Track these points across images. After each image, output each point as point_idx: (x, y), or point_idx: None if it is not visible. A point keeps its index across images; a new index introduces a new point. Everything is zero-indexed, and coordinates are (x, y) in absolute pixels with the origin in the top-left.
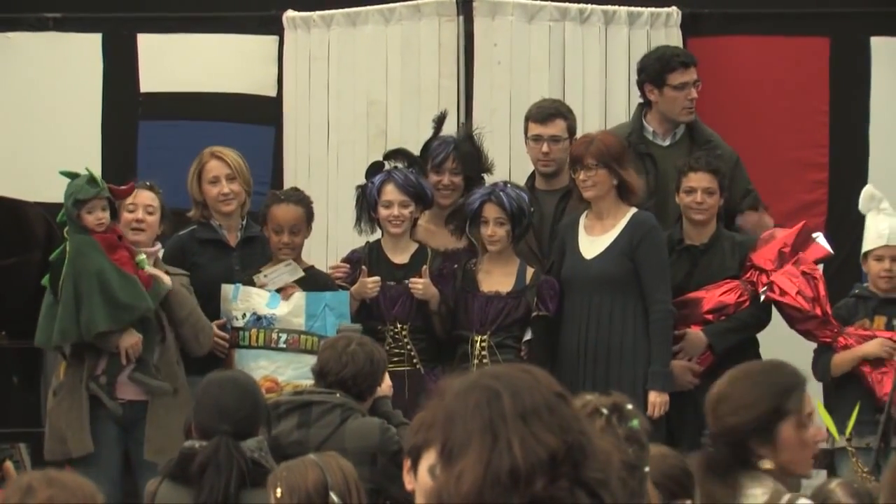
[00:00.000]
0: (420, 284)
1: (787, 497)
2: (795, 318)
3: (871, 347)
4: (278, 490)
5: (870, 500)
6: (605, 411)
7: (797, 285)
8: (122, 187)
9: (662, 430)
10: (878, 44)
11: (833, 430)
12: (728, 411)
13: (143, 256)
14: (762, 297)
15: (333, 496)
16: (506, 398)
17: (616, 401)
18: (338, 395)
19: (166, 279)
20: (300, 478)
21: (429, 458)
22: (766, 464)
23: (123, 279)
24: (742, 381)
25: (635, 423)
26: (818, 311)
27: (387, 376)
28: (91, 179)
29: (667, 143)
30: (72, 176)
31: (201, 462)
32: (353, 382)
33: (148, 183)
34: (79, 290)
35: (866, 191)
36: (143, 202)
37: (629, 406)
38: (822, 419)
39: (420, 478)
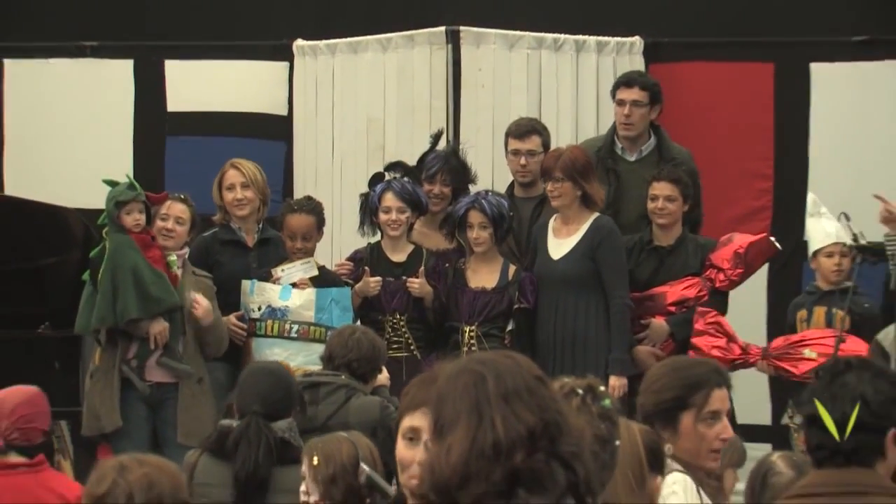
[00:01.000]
0: (416, 284)
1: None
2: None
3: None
4: (315, 458)
5: (807, 471)
6: (580, 391)
7: (710, 343)
8: (157, 195)
9: (623, 412)
10: (816, 69)
11: (833, 429)
12: (643, 391)
13: (174, 258)
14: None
15: (364, 466)
16: (490, 381)
17: (590, 383)
18: (343, 377)
19: (206, 316)
20: (335, 450)
21: (409, 421)
22: (668, 448)
23: (155, 275)
24: (664, 368)
25: (607, 402)
26: (737, 351)
27: (384, 369)
28: (130, 185)
29: (633, 158)
30: (112, 184)
31: (235, 438)
32: (358, 365)
33: (182, 196)
34: (116, 282)
35: (810, 198)
36: (175, 213)
37: (602, 388)
38: (823, 419)
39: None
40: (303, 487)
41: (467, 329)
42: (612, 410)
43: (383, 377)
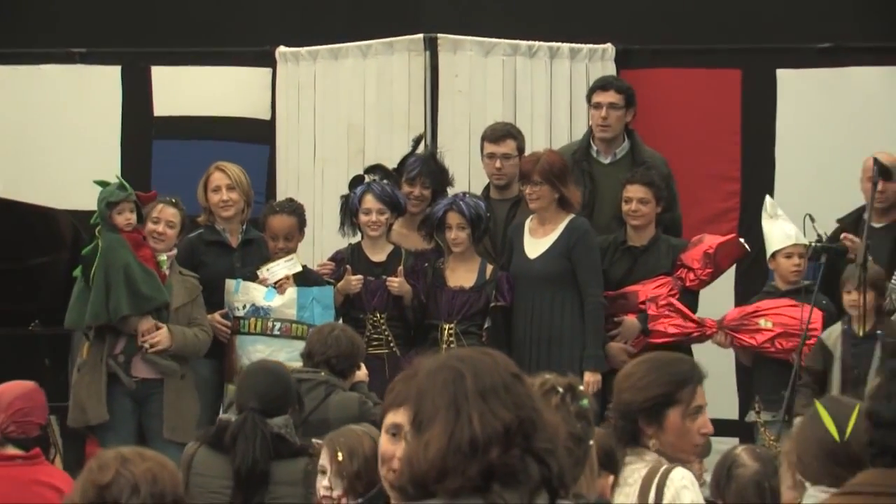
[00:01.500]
0: (395, 282)
1: (664, 467)
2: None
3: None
4: (339, 454)
5: (771, 464)
6: (560, 390)
7: (667, 322)
8: (147, 194)
9: (597, 407)
10: (782, 75)
11: (832, 429)
12: (626, 388)
13: (164, 258)
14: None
15: None
16: (468, 378)
17: (571, 382)
18: (323, 373)
19: (166, 346)
20: (358, 444)
21: (392, 417)
22: (652, 443)
23: (145, 273)
24: (645, 365)
25: (585, 402)
26: (693, 325)
27: (363, 365)
28: (121, 186)
29: (608, 161)
30: (103, 184)
31: (233, 432)
32: (336, 362)
33: (173, 200)
34: (108, 280)
35: (767, 201)
36: (167, 217)
37: (581, 387)
38: (823, 418)
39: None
40: (324, 482)
41: (446, 326)
42: (588, 410)
43: (362, 373)
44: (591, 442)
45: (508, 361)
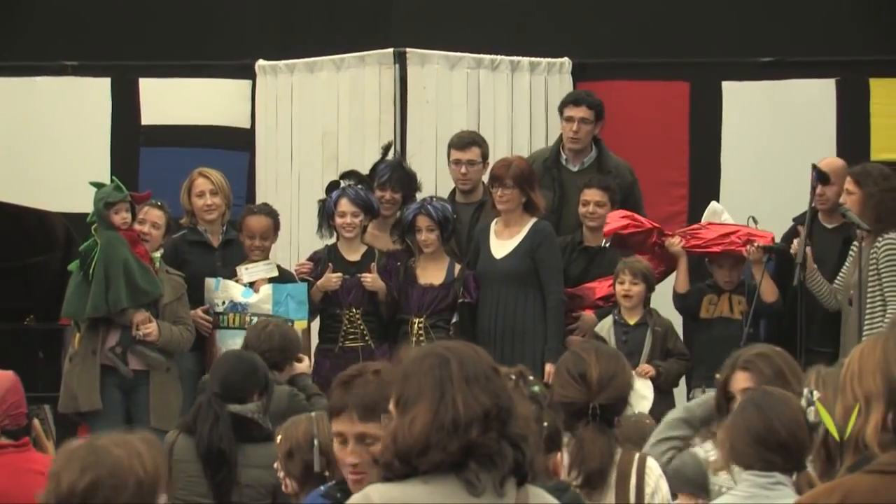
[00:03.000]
0: (369, 278)
1: (638, 454)
2: (639, 244)
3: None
4: (279, 437)
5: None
6: (512, 377)
7: (618, 219)
8: (141, 194)
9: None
10: (728, 87)
11: (832, 429)
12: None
13: (158, 255)
14: (607, 243)
15: (315, 443)
16: (454, 364)
17: (521, 370)
18: None
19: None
20: (294, 428)
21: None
22: None
23: (142, 269)
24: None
25: (536, 388)
26: (648, 224)
27: (307, 358)
28: (117, 187)
29: (576, 168)
30: (99, 185)
31: (193, 415)
32: (270, 355)
33: (159, 203)
34: (108, 274)
35: (711, 206)
36: (152, 219)
37: (531, 376)
38: (823, 418)
39: None
40: (276, 464)
41: (416, 321)
42: (539, 395)
43: (303, 366)
44: (546, 423)
45: (488, 356)
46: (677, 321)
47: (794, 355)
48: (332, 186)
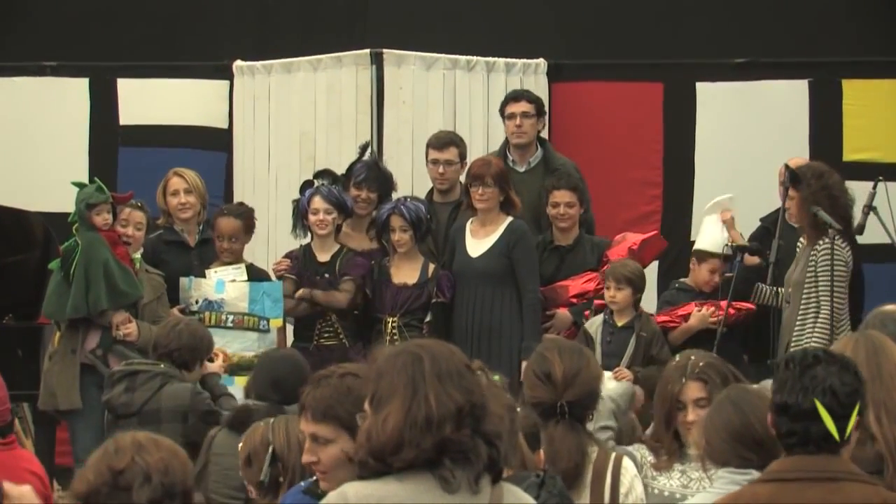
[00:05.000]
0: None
1: (614, 454)
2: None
3: (695, 322)
4: (240, 444)
5: None
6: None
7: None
8: (123, 195)
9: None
10: (701, 87)
11: (834, 432)
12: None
13: (138, 256)
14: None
15: (271, 448)
16: (426, 361)
17: (479, 365)
18: (162, 365)
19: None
20: (252, 434)
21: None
22: None
23: (122, 270)
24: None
25: (497, 377)
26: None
27: (220, 359)
28: (99, 188)
29: (523, 169)
30: (80, 185)
31: (242, 416)
32: (178, 354)
33: (139, 203)
34: (88, 276)
35: (722, 198)
36: (135, 220)
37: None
38: (823, 419)
39: None
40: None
41: (390, 320)
42: (502, 384)
43: (215, 365)
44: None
45: (462, 353)
46: None
47: (769, 356)
48: (306, 186)
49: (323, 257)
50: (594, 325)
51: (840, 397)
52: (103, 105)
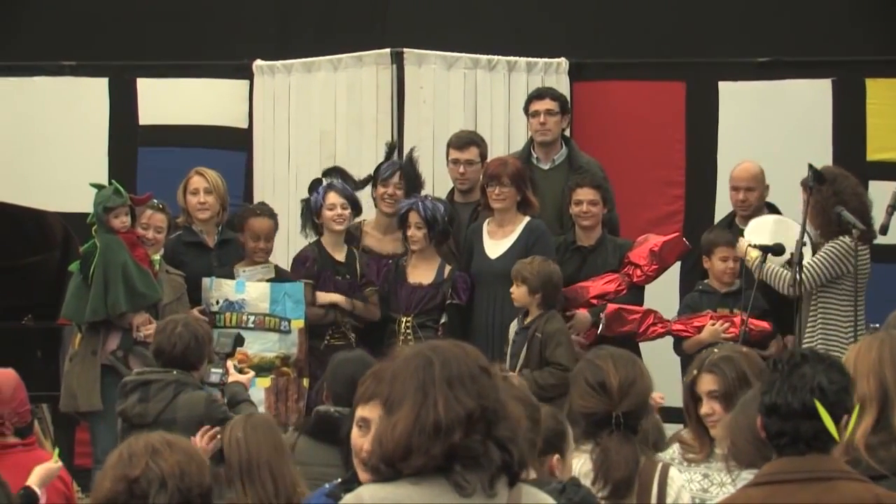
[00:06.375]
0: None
1: (661, 464)
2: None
3: (706, 336)
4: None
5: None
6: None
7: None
8: (141, 197)
9: None
10: (724, 87)
11: (833, 431)
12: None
13: (158, 257)
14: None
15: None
16: (437, 365)
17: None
18: (174, 372)
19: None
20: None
21: (360, 411)
22: None
23: (141, 272)
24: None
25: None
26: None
27: (250, 374)
28: (116, 191)
29: (547, 167)
30: (99, 187)
31: (320, 422)
32: (183, 357)
33: (160, 205)
34: (107, 278)
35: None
36: (156, 223)
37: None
38: (823, 419)
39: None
40: None
41: (404, 319)
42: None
43: (243, 377)
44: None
45: (479, 355)
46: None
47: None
48: (315, 184)
49: (339, 256)
50: (513, 325)
51: (829, 395)
52: (123, 105)
